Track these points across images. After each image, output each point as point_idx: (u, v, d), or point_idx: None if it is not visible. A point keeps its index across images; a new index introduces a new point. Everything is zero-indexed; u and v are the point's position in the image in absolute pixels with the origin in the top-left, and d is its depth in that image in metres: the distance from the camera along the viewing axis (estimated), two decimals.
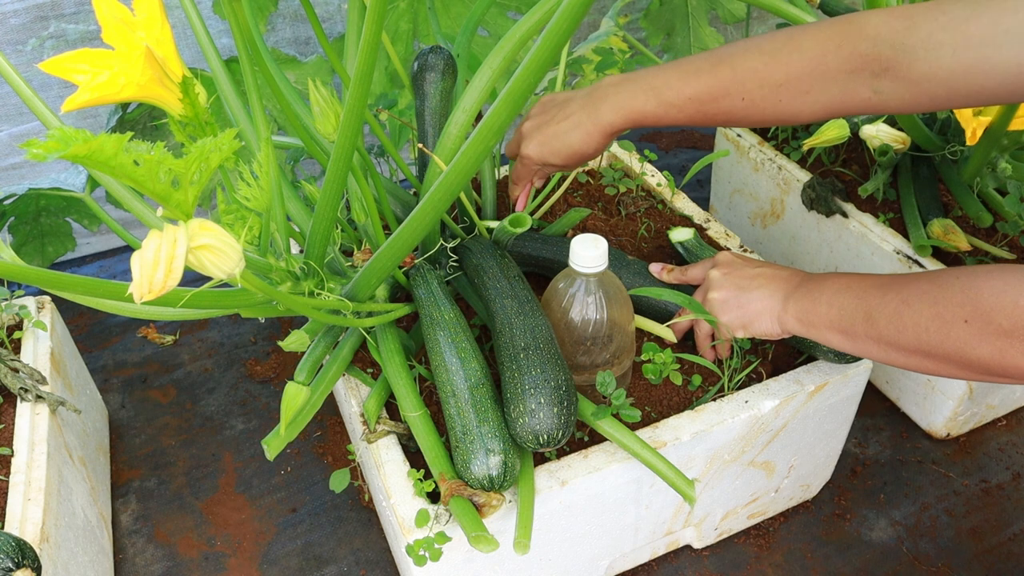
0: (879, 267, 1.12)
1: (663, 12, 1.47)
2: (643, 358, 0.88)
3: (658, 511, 0.92)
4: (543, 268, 1.02)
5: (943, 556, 1.02)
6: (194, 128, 0.65)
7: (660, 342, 0.95)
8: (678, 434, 0.84)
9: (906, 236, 1.10)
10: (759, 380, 0.90)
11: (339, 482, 0.85)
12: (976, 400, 1.09)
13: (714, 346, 0.89)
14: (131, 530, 1.09)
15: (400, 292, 0.97)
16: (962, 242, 1.05)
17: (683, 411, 0.86)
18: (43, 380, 0.97)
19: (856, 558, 1.02)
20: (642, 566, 1.01)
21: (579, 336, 0.84)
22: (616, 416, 0.81)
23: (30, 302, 1.07)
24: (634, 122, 0.82)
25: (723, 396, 0.88)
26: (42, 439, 0.91)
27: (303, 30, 1.45)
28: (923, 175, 1.15)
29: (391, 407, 0.89)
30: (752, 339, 0.88)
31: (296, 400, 0.81)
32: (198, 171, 0.51)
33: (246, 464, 1.17)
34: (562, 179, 1.16)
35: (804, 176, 1.23)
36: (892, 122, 1.12)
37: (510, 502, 0.78)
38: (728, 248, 1.09)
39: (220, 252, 0.53)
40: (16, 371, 0.96)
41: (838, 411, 0.95)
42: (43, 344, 1.03)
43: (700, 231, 1.12)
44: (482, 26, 1.30)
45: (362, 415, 0.87)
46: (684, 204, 1.17)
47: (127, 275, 0.46)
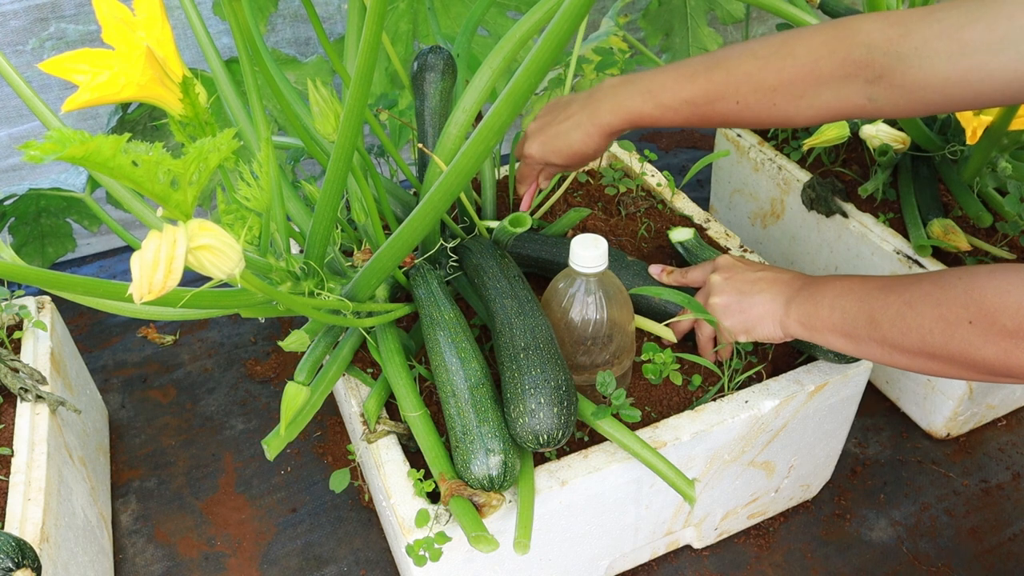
0: (879, 267, 1.12)
1: (661, 12, 1.47)
2: (643, 358, 0.88)
3: (658, 511, 0.92)
4: (543, 269, 1.02)
5: (943, 556, 1.02)
6: (194, 128, 0.65)
7: (660, 342, 0.95)
8: (678, 434, 0.84)
9: (906, 236, 1.10)
10: (759, 380, 0.90)
11: (339, 482, 0.85)
12: (976, 400, 1.09)
13: (716, 351, 0.89)
14: (131, 530, 1.09)
15: (400, 292, 0.97)
16: (962, 242, 1.05)
17: (683, 411, 0.86)
18: (43, 380, 0.97)
19: (856, 558, 1.02)
20: (642, 566, 1.01)
21: (579, 336, 0.84)
22: (616, 416, 0.81)
23: (30, 302, 1.07)
24: (632, 123, 0.83)
25: (723, 396, 0.88)
26: (42, 439, 0.91)
27: (303, 30, 1.45)
28: (923, 175, 1.15)
29: (391, 407, 0.89)
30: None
31: (296, 400, 0.81)
32: (197, 171, 0.51)
33: (246, 464, 1.17)
34: (562, 179, 1.16)
35: (804, 176, 1.23)
36: (892, 122, 1.12)
37: (510, 502, 0.78)
38: (728, 248, 1.09)
39: (220, 252, 0.53)
40: (16, 371, 0.96)
41: (838, 411, 0.95)
42: (43, 344, 1.03)
43: (700, 231, 1.12)
44: (482, 26, 1.30)
45: (362, 415, 0.87)
46: (684, 204, 1.17)
47: (127, 275, 0.46)
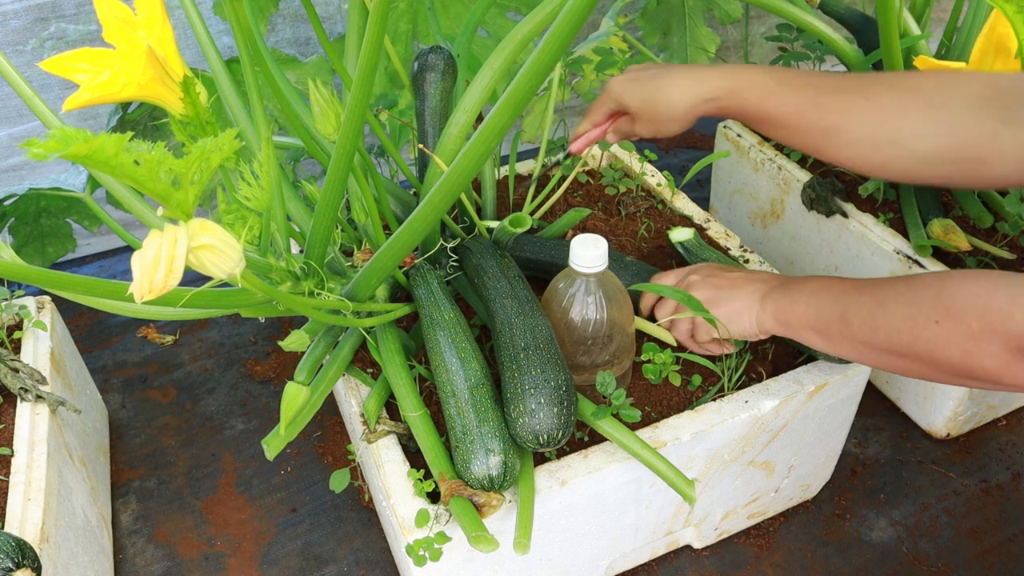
0: (879, 267, 1.12)
1: (660, 12, 1.47)
2: (643, 358, 0.88)
3: (658, 511, 0.92)
4: (542, 272, 1.02)
5: (943, 556, 1.02)
6: (195, 128, 0.65)
7: (660, 342, 0.95)
8: (678, 434, 0.84)
9: (906, 236, 1.10)
10: (759, 380, 0.90)
11: (339, 482, 0.85)
12: (976, 400, 1.09)
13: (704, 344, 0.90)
14: (131, 530, 1.09)
15: (400, 292, 0.97)
16: (962, 242, 1.05)
17: (683, 411, 0.86)
18: (43, 380, 0.97)
19: (856, 558, 1.02)
20: (642, 566, 1.01)
21: (579, 336, 0.84)
22: (616, 416, 0.81)
23: (30, 302, 1.07)
24: (733, 103, 0.82)
25: (723, 396, 0.88)
26: (42, 439, 0.91)
27: (303, 30, 1.45)
28: None
29: (391, 407, 0.89)
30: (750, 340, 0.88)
31: (296, 400, 0.81)
32: (198, 171, 0.51)
33: (246, 464, 1.17)
34: (562, 179, 1.16)
35: (804, 176, 1.23)
36: None
37: (510, 502, 0.78)
38: (728, 248, 1.09)
39: (220, 252, 0.53)
40: (16, 371, 0.96)
41: (838, 411, 0.96)
42: (43, 344, 1.03)
43: (700, 231, 1.12)
44: (482, 27, 1.30)
45: (362, 415, 0.87)
46: (684, 204, 1.17)
47: (127, 275, 0.46)
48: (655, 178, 1.21)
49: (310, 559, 1.04)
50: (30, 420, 0.92)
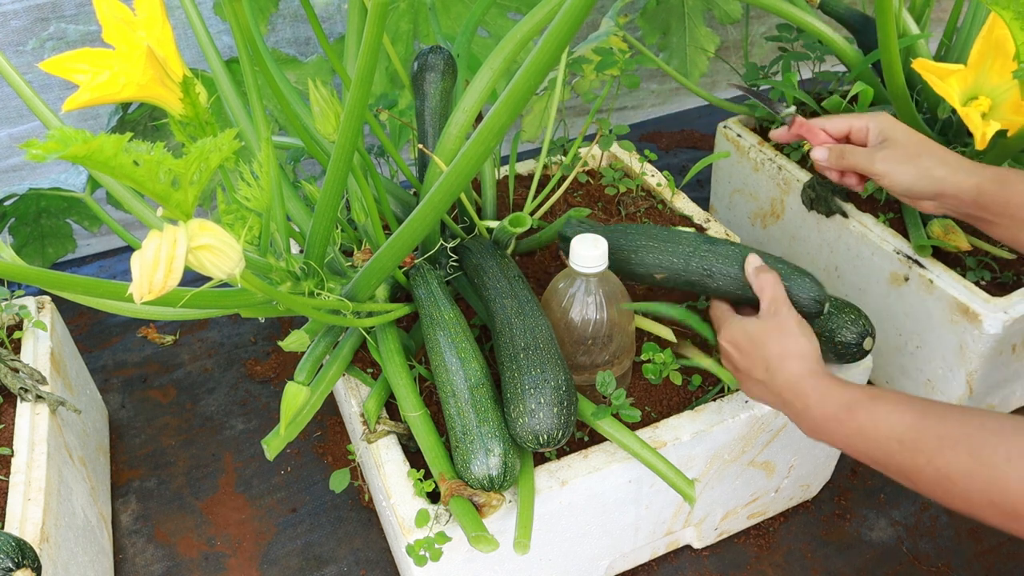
0: (879, 267, 1.12)
1: (659, 12, 1.47)
2: (643, 358, 0.88)
3: (658, 511, 0.92)
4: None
5: (943, 556, 1.02)
6: (194, 128, 0.65)
7: (660, 342, 0.95)
8: (678, 434, 0.84)
9: (906, 236, 1.10)
10: None
11: (339, 482, 0.85)
12: (976, 400, 1.09)
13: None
14: (131, 530, 1.09)
15: (400, 292, 0.97)
16: (962, 242, 1.05)
17: (683, 411, 0.86)
18: (43, 380, 0.97)
19: (856, 558, 1.02)
20: (642, 566, 1.01)
21: (579, 336, 0.84)
22: (616, 416, 0.81)
23: (30, 302, 1.07)
24: (1002, 193, 0.78)
25: (723, 396, 0.88)
26: (42, 439, 0.91)
27: (303, 30, 1.45)
28: None
29: (391, 407, 0.89)
30: None
31: (296, 400, 0.81)
32: (198, 171, 0.51)
33: (246, 464, 1.17)
34: (562, 179, 1.16)
35: (804, 176, 1.23)
36: None
37: (510, 502, 0.78)
38: None
39: (220, 252, 0.53)
40: (16, 371, 0.96)
41: None
42: (43, 344, 1.03)
43: (700, 231, 1.12)
44: (482, 26, 1.30)
45: (362, 415, 0.87)
46: (684, 204, 1.17)
47: (127, 275, 0.46)
48: (655, 178, 1.21)
49: (310, 559, 1.05)
50: (30, 420, 0.92)
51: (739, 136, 1.35)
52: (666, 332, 0.94)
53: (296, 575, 1.03)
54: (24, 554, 0.74)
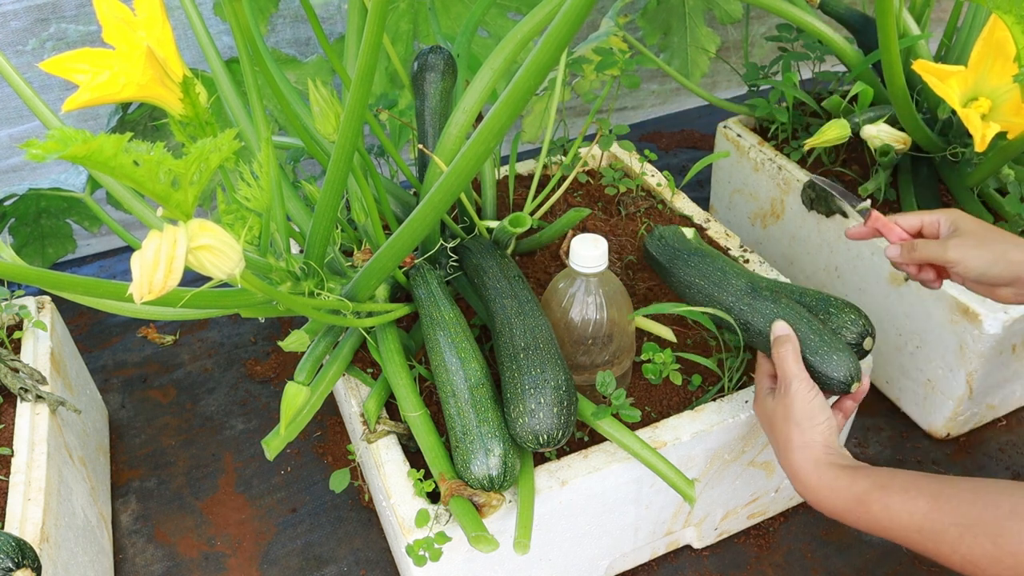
0: (879, 267, 1.12)
1: (660, 12, 1.47)
2: (643, 358, 0.88)
3: (658, 511, 0.92)
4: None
5: None
6: (194, 128, 0.65)
7: (660, 342, 0.95)
8: (678, 434, 0.84)
9: None
10: None
11: (339, 482, 0.85)
12: (976, 400, 1.09)
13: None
14: (131, 530, 1.09)
15: (400, 292, 0.97)
16: None
17: (683, 411, 0.86)
18: (43, 380, 0.97)
19: (856, 558, 1.02)
20: (642, 566, 1.01)
21: (579, 336, 0.84)
22: (616, 416, 0.81)
23: (30, 302, 1.07)
24: None
25: (723, 396, 0.88)
26: (42, 439, 0.91)
27: (303, 31, 1.45)
28: (923, 175, 1.15)
29: (391, 407, 0.89)
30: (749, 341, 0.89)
31: (296, 400, 0.81)
32: (198, 171, 0.51)
33: (246, 464, 1.17)
34: (562, 179, 1.16)
35: (804, 176, 1.23)
36: (893, 122, 1.12)
37: (510, 502, 0.78)
38: (728, 248, 1.09)
39: (220, 252, 0.53)
40: (16, 371, 0.96)
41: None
42: (43, 344, 1.03)
43: (700, 231, 1.12)
44: (482, 27, 1.30)
45: (362, 415, 0.87)
46: (684, 204, 1.17)
47: (127, 275, 0.46)
48: (655, 178, 1.21)
49: (310, 559, 1.05)
50: (30, 420, 0.92)
51: (739, 136, 1.35)
52: (666, 332, 0.94)
53: (296, 575, 1.03)
54: (24, 554, 0.74)
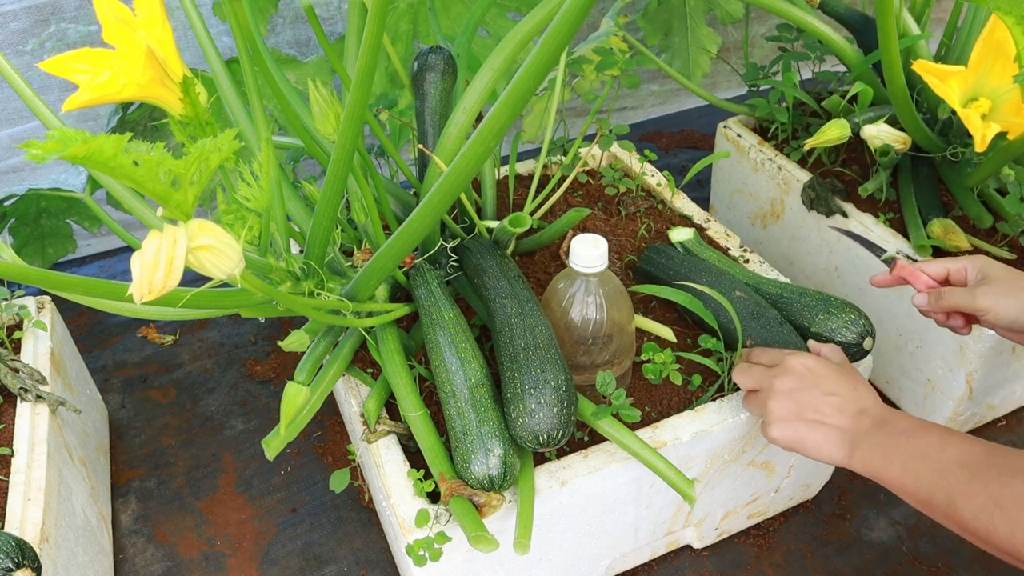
0: (879, 267, 1.12)
1: (661, 12, 1.47)
2: (643, 358, 0.88)
3: (658, 511, 0.92)
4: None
5: (943, 556, 1.02)
6: (194, 128, 0.65)
7: (660, 342, 0.95)
8: (678, 434, 0.84)
9: (906, 236, 1.10)
10: None
11: (339, 482, 0.85)
12: (976, 400, 1.09)
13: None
14: (131, 530, 1.09)
15: (400, 292, 0.97)
16: (962, 242, 1.05)
17: (683, 411, 0.86)
18: (43, 380, 0.97)
19: (856, 558, 1.02)
20: (642, 566, 1.01)
21: (579, 336, 0.84)
22: (616, 416, 0.81)
23: (30, 302, 1.07)
24: None
25: (723, 396, 0.88)
26: (42, 439, 0.91)
27: (303, 32, 1.45)
28: (923, 175, 1.15)
29: (391, 407, 0.89)
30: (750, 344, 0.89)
31: (296, 400, 0.81)
32: (198, 171, 0.51)
33: (246, 464, 1.17)
34: (562, 179, 1.16)
35: (804, 176, 1.23)
36: (893, 122, 1.12)
37: (510, 502, 0.78)
38: (728, 248, 1.09)
39: (220, 252, 0.53)
40: (16, 371, 0.96)
41: None
42: (43, 344, 1.03)
43: (700, 231, 1.12)
44: (482, 27, 1.30)
45: (362, 415, 0.87)
46: (684, 204, 1.17)
47: (127, 275, 0.46)
48: (655, 178, 1.21)
49: (310, 559, 1.05)
50: (30, 420, 0.92)
51: (739, 136, 1.35)
52: (666, 332, 0.94)
53: (296, 575, 1.03)
54: (24, 554, 0.74)
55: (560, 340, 0.84)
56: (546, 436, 0.74)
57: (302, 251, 0.85)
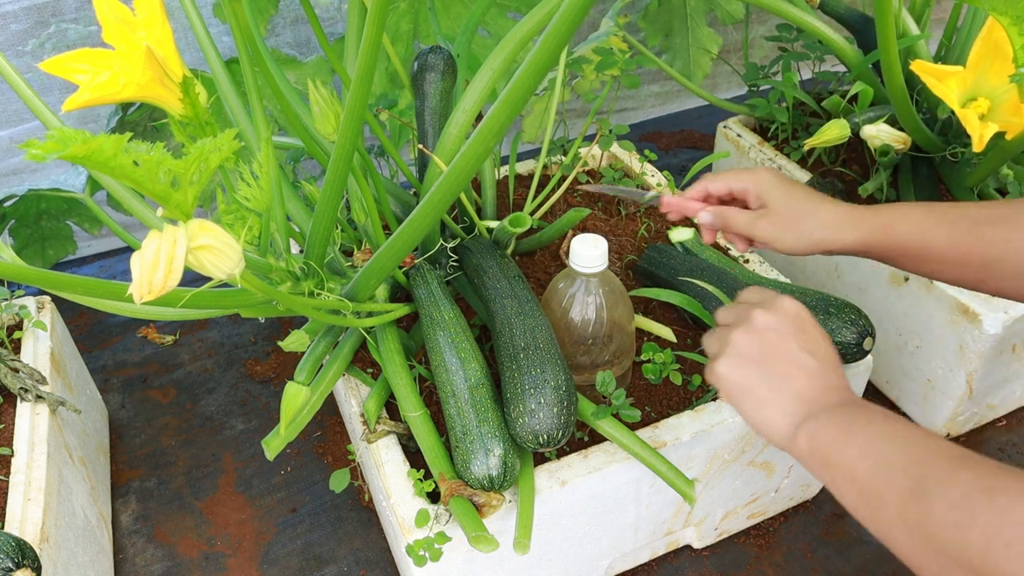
0: (879, 267, 1.12)
1: (661, 12, 1.47)
2: (643, 358, 0.88)
3: (658, 511, 0.92)
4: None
5: None
6: (194, 128, 0.65)
7: (660, 342, 0.95)
8: (678, 434, 0.84)
9: None
10: None
11: (339, 482, 0.85)
12: (976, 400, 1.09)
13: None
14: (131, 530, 1.09)
15: (400, 292, 0.97)
16: None
17: (683, 411, 0.86)
18: (43, 380, 0.97)
19: (856, 558, 1.02)
20: (642, 566, 1.01)
21: (579, 336, 0.84)
22: (616, 416, 0.81)
23: (30, 302, 1.08)
24: (882, 239, 0.77)
25: None
26: (42, 439, 0.91)
27: (303, 33, 1.45)
28: (923, 175, 1.15)
29: (391, 407, 0.89)
30: None
31: (296, 400, 0.81)
32: (197, 171, 0.52)
33: (246, 464, 1.17)
34: (562, 179, 1.16)
35: (804, 176, 1.23)
36: (893, 122, 1.12)
37: (510, 502, 0.78)
38: (728, 248, 1.09)
39: (220, 252, 0.53)
40: (16, 371, 0.96)
41: None
42: (43, 344, 1.03)
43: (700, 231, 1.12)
44: (482, 27, 1.30)
45: (362, 415, 0.87)
46: None
47: (127, 275, 0.46)
48: (655, 178, 1.21)
49: (310, 559, 1.05)
50: (30, 420, 0.92)
51: (739, 136, 1.35)
52: (666, 332, 0.94)
53: (296, 575, 1.03)
54: (24, 554, 0.74)
55: (560, 340, 0.84)
56: (546, 436, 0.74)
57: (302, 251, 0.85)
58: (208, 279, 0.56)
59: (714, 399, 0.88)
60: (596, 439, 0.84)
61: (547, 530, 0.83)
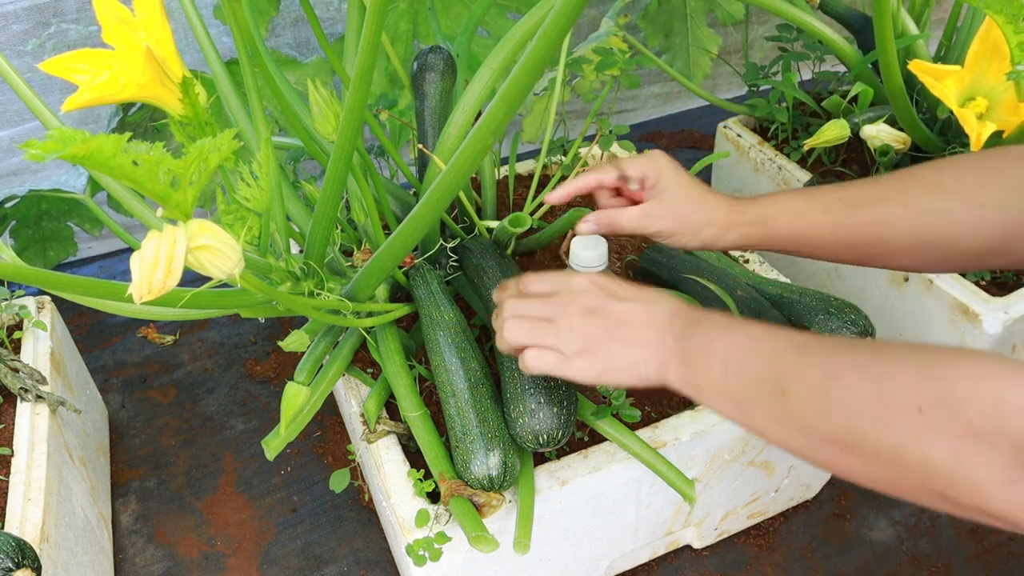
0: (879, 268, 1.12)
1: (661, 13, 1.47)
2: None
3: (658, 511, 0.92)
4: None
5: (943, 556, 1.02)
6: (194, 128, 0.65)
7: None
8: (678, 434, 0.84)
9: None
10: None
11: (339, 482, 0.85)
12: None
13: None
14: (131, 530, 1.09)
15: (400, 292, 0.97)
16: None
17: (683, 411, 0.86)
18: (43, 380, 0.97)
19: (856, 558, 1.02)
20: (642, 566, 1.01)
21: None
22: (616, 416, 0.81)
23: (30, 302, 1.08)
24: (762, 232, 0.77)
25: None
26: (42, 439, 0.91)
27: (304, 34, 1.45)
28: None
29: (391, 407, 0.89)
30: None
31: (296, 400, 0.81)
32: (197, 171, 0.52)
33: (246, 464, 1.17)
34: (562, 179, 1.16)
35: (804, 176, 1.23)
36: (893, 122, 1.12)
37: (510, 502, 0.78)
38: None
39: (219, 252, 0.53)
40: (16, 371, 0.96)
41: None
42: (43, 344, 1.03)
43: None
44: (482, 26, 1.30)
45: (362, 415, 0.87)
46: None
47: (127, 275, 0.46)
48: None
49: (310, 559, 1.05)
50: (30, 420, 0.92)
51: (739, 136, 1.35)
52: None
53: (296, 575, 1.03)
54: (24, 554, 0.74)
55: None
56: (546, 436, 0.74)
57: (302, 251, 0.86)
58: (208, 279, 0.56)
59: None
60: (596, 439, 0.84)
61: (547, 530, 0.83)
